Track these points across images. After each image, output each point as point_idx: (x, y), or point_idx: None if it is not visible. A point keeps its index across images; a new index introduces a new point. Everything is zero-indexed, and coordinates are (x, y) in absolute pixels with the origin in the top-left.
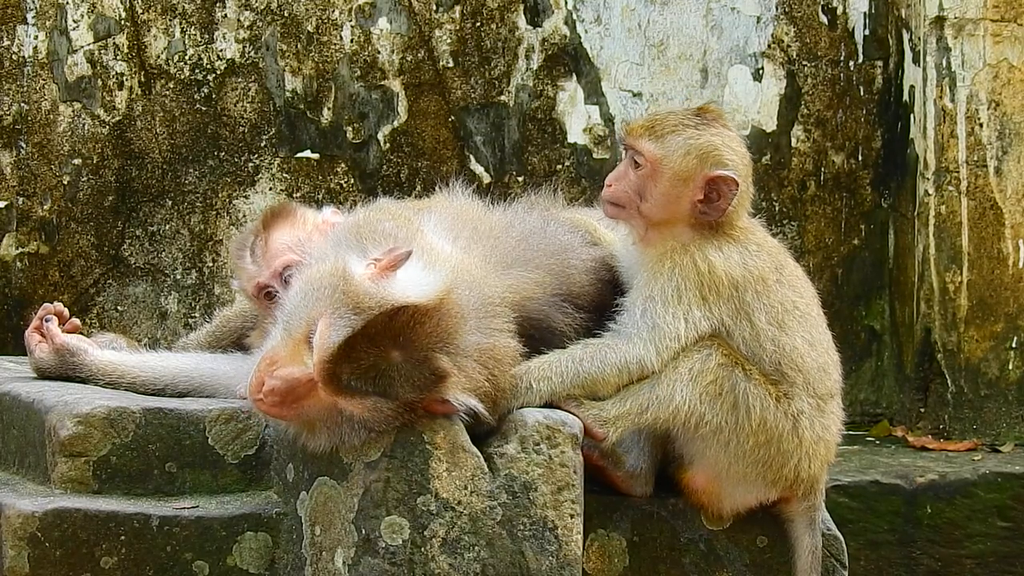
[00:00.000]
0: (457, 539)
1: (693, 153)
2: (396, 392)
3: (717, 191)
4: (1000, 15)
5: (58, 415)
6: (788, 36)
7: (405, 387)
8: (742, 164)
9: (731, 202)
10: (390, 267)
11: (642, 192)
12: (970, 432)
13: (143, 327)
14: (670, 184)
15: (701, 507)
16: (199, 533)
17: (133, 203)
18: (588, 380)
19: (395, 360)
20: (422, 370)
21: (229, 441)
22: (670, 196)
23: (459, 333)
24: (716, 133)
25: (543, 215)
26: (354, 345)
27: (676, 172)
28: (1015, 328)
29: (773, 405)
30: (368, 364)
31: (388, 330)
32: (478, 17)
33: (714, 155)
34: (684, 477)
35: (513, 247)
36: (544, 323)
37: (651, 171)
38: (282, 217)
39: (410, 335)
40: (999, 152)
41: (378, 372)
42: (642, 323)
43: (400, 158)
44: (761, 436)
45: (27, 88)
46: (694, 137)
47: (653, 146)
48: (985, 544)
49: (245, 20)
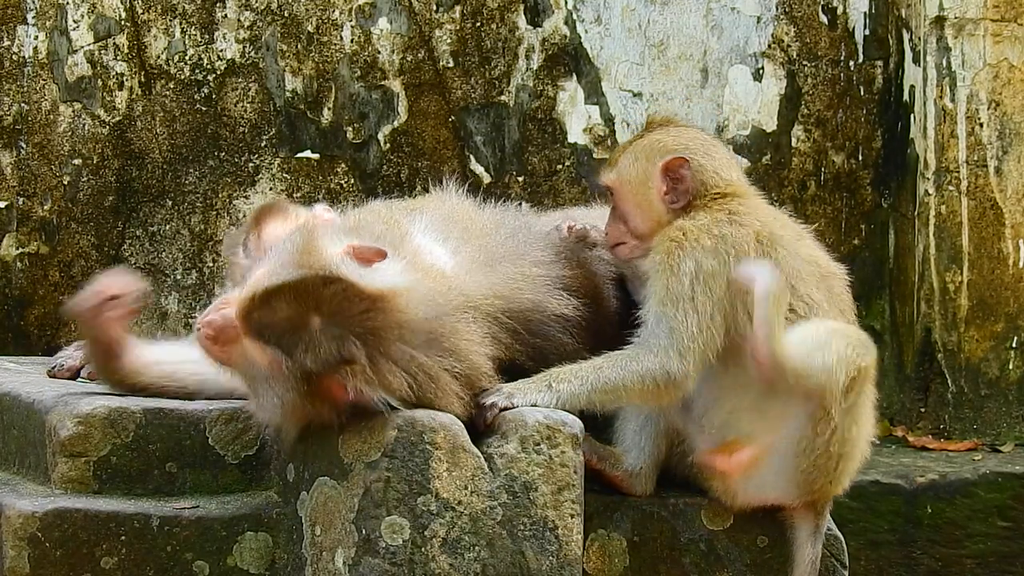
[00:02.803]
0: (457, 539)
1: (640, 156)
2: (298, 356)
3: (674, 176)
4: (1000, 15)
5: (58, 415)
6: (788, 36)
7: (308, 355)
8: (693, 144)
9: (689, 181)
10: (361, 256)
11: (624, 218)
12: (970, 432)
13: (143, 327)
14: (635, 194)
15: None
16: (199, 533)
17: (133, 203)
18: (610, 386)
19: (311, 326)
20: (332, 347)
21: (229, 441)
22: (642, 204)
23: (388, 334)
24: (659, 132)
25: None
26: (279, 294)
27: (634, 180)
28: (1015, 328)
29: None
30: (283, 317)
31: (316, 295)
32: (478, 17)
33: (658, 147)
34: (719, 454)
35: (502, 243)
36: (537, 311)
37: (618, 194)
38: (274, 213)
39: (335, 309)
40: (999, 152)
41: (290, 329)
42: (659, 330)
43: (400, 158)
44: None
45: (27, 88)
46: (637, 145)
47: (612, 173)
48: (985, 544)
49: (245, 20)
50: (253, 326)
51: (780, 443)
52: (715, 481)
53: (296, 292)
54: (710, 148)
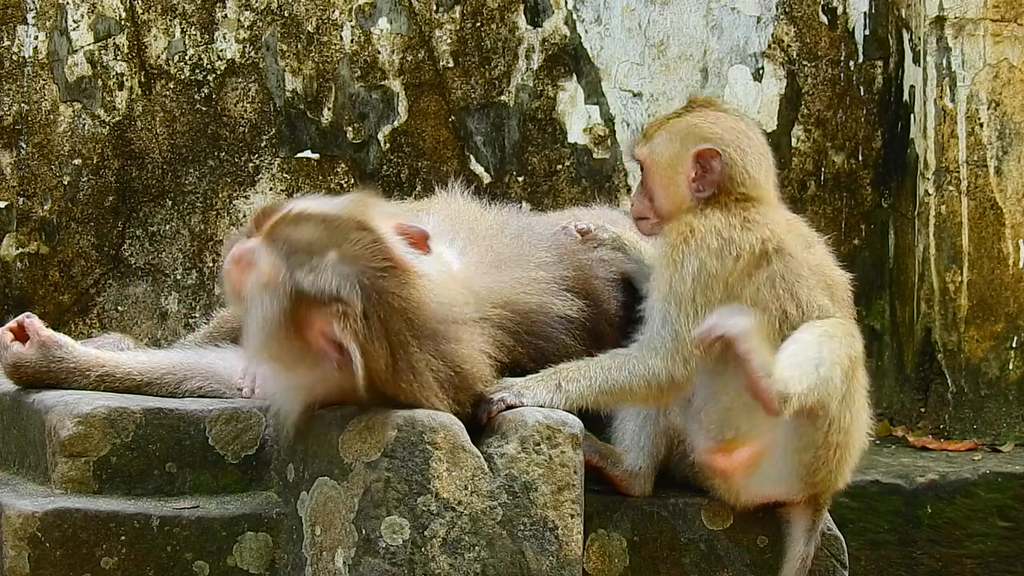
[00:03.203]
0: (457, 539)
1: (675, 138)
2: (298, 274)
3: (705, 165)
4: (1000, 15)
5: (58, 415)
6: (788, 36)
7: (308, 276)
8: (728, 136)
9: (717, 173)
10: (407, 234)
11: (651, 194)
12: (970, 432)
13: (143, 327)
14: (665, 174)
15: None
16: (199, 533)
17: (133, 203)
18: (616, 389)
19: (326, 256)
20: (334, 280)
21: (229, 441)
22: (669, 185)
23: (395, 304)
24: (698, 115)
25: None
26: (311, 218)
27: (665, 161)
28: (1015, 328)
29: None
30: (303, 237)
31: (344, 232)
32: (478, 17)
33: (695, 133)
34: (719, 452)
35: (507, 245)
36: (542, 312)
37: (648, 171)
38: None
39: (355, 252)
40: (999, 152)
41: (304, 249)
42: (664, 333)
43: (400, 158)
44: (833, 435)
45: (27, 88)
46: (675, 124)
47: (644, 148)
48: (986, 544)
49: (245, 20)
50: (273, 234)
51: (779, 438)
52: (716, 480)
53: (327, 222)
54: (744, 142)
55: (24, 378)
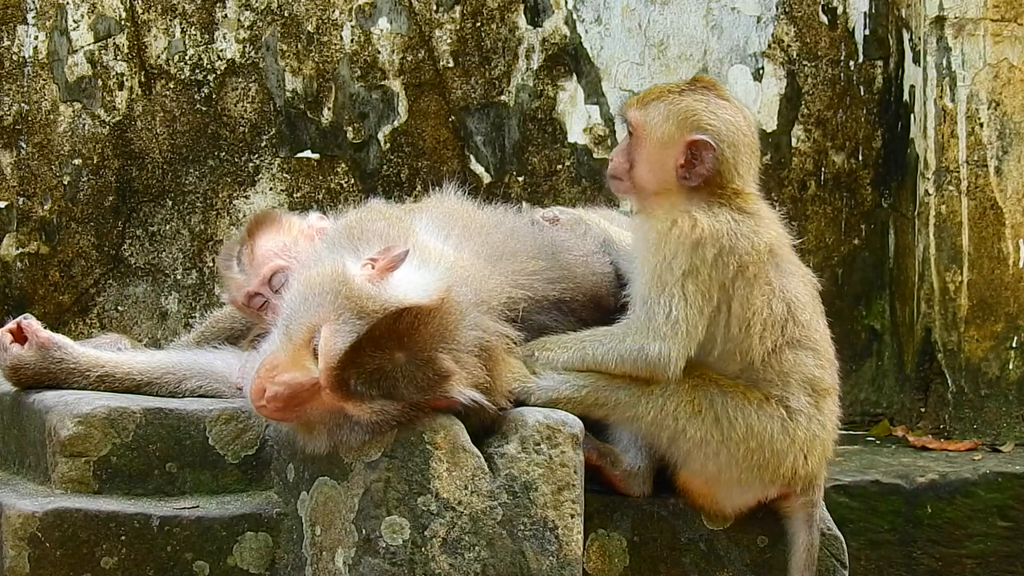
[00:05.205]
0: (457, 539)
1: (672, 118)
2: (401, 393)
3: (696, 156)
4: (1000, 15)
5: (58, 415)
6: (788, 36)
7: (410, 388)
8: (725, 129)
9: (708, 167)
10: (388, 268)
11: (632, 159)
12: (970, 432)
13: (143, 327)
14: (653, 149)
15: (701, 508)
16: (199, 533)
17: (133, 203)
18: (594, 364)
19: (400, 362)
20: (426, 370)
21: (229, 441)
22: (654, 161)
23: (459, 330)
24: (699, 99)
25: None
26: (360, 350)
27: (658, 137)
28: (1015, 328)
29: (755, 411)
30: (373, 368)
31: (392, 333)
32: (478, 17)
33: (693, 119)
34: (680, 481)
35: (502, 241)
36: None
37: (637, 137)
38: (267, 224)
39: (414, 336)
40: (999, 152)
41: (383, 375)
42: (643, 313)
43: (400, 158)
44: (752, 442)
45: (27, 88)
46: (675, 102)
47: (638, 113)
48: (986, 544)
49: (245, 20)
50: (350, 390)
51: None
52: (698, 501)
53: (375, 342)
54: (739, 138)
55: (24, 380)
